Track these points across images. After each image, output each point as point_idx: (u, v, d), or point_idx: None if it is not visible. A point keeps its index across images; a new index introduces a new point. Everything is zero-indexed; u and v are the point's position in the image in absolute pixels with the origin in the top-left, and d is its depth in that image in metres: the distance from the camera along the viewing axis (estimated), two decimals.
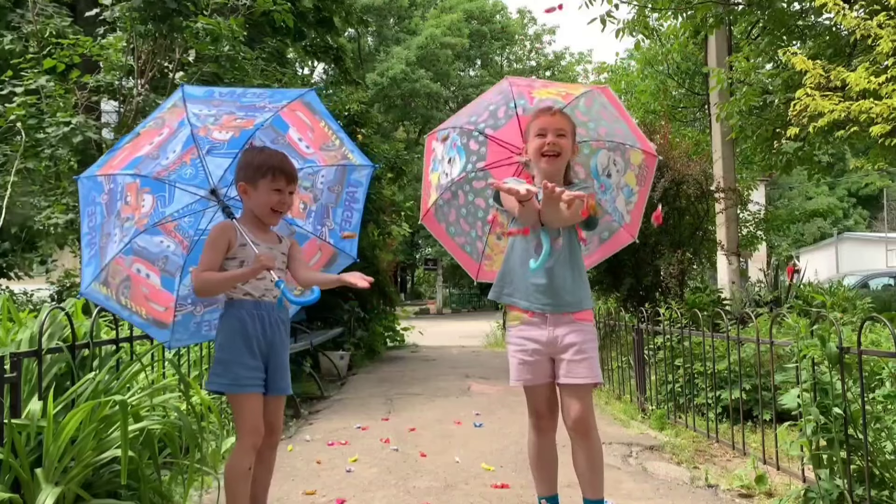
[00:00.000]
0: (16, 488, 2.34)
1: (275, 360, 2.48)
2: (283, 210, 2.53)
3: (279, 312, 2.52)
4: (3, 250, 7.53)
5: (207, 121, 2.57)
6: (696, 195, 7.19)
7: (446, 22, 28.76)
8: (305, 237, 2.87)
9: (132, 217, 2.61)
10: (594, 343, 2.47)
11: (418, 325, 13.14)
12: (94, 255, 2.56)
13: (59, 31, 5.95)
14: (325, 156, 2.81)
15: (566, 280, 2.42)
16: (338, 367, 7.57)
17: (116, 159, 2.56)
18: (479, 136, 2.79)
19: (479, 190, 2.87)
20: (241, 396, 2.39)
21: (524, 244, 2.46)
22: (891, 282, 17.18)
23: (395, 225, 10.43)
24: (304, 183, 2.80)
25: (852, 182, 36.46)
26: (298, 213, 2.86)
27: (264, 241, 2.49)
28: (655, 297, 6.77)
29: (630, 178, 2.75)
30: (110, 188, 2.55)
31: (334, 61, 11.75)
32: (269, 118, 2.59)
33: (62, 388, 2.74)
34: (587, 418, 2.39)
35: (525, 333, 2.46)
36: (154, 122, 2.56)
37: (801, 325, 2.96)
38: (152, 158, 2.58)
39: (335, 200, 2.89)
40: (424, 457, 3.88)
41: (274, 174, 2.44)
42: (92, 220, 2.56)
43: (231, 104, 2.61)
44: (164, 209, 2.68)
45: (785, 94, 7.81)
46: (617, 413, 5.06)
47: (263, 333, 2.45)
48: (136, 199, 2.62)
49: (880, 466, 2.59)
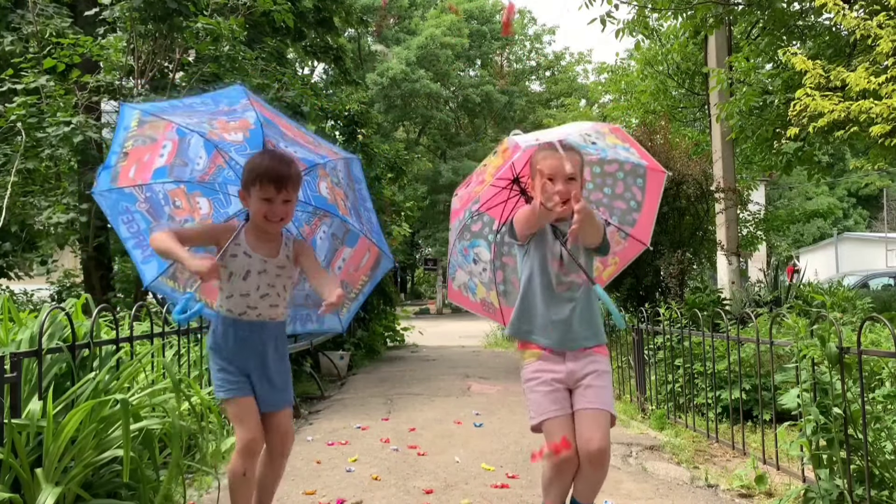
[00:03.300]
0: (16, 488, 2.34)
1: (266, 377, 2.42)
2: (275, 219, 2.39)
3: (262, 331, 2.43)
4: (4, 250, 7.53)
5: (204, 127, 2.55)
6: (696, 195, 7.20)
7: (446, 22, 28.76)
8: (357, 235, 2.81)
9: (191, 219, 2.67)
10: (610, 374, 2.43)
11: (418, 325, 13.14)
12: (150, 255, 2.61)
13: (60, 32, 5.95)
14: (324, 150, 2.72)
15: (584, 315, 2.40)
16: (338, 367, 7.57)
17: (127, 173, 2.53)
18: (473, 217, 2.82)
19: (476, 232, 2.89)
20: (228, 401, 2.39)
21: (543, 279, 2.41)
22: (891, 282, 17.17)
23: (395, 225, 10.43)
24: (333, 178, 2.75)
25: (852, 182, 36.44)
26: (344, 210, 2.78)
27: (262, 252, 2.44)
28: (655, 297, 6.78)
29: (613, 140, 2.71)
30: (147, 196, 2.59)
31: (334, 61, 11.76)
32: (256, 115, 2.49)
33: (62, 388, 2.74)
34: (606, 450, 2.28)
35: (543, 367, 2.39)
36: (135, 141, 2.51)
37: (801, 325, 2.96)
38: (181, 166, 2.59)
39: (356, 198, 2.81)
40: (424, 456, 3.88)
41: (261, 182, 2.34)
42: (132, 227, 2.59)
43: (197, 113, 2.55)
44: (225, 210, 2.73)
45: (785, 94, 7.82)
46: (617, 413, 5.05)
47: (243, 350, 2.40)
48: (187, 202, 2.66)
49: (880, 466, 2.60)
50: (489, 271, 2.92)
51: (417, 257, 30.88)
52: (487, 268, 2.92)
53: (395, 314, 11.75)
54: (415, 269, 32.84)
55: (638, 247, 2.89)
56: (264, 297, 2.43)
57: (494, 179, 2.65)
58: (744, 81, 8.98)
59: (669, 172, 2.90)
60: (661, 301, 6.11)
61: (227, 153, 2.62)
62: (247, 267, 2.41)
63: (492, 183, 2.66)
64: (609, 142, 2.70)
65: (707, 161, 8.34)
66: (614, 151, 2.71)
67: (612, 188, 2.79)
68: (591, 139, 2.66)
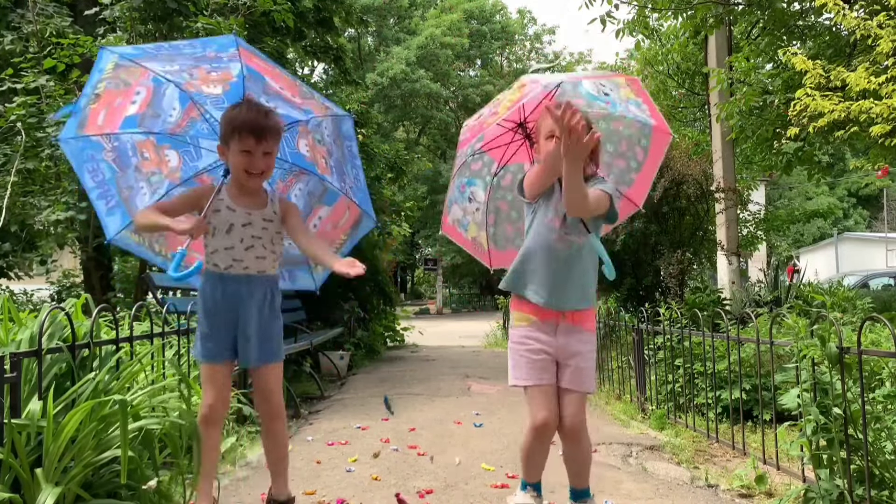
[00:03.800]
0: (16, 488, 2.34)
1: (244, 332, 2.42)
2: (256, 171, 2.37)
3: (250, 284, 2.43)
4: (4, 250, 7.53)
5: (182, 76, 2.49)
6: (696, 195, 7.20)
7: (446, 22, 28.76)
8: (336, 194, 2.77)
9: (159, 171, 2.62)
10: (594, 353, 2.53)
11: (418, 325, 13.14)
12: (114, 206, 2.57)
13: (60, 31, 5.95)
14: (312, 105, 2.66)
15: (581, 277, 2.43)
16: (338, 367, 7.57)
17: (95, 118, 2.47)
18: (474, 156, 2.79)
19: (509, 185, 2.87)
20: (202, 365, 2.46)
21: (544, 236, 2.42)
22: (891, 282, 17.18)
23: (395, 225, 10.43)
24: (315, 135, 2.71)
25: (852, 182, 36.45)
26: (324, 168, 2.75)
27: (245, 205, 2.42)
28: (655, 297, 6.78)
29: (627, 93, 2.68)
30: (114, 146, 2.53)
31: (334, 61, 11.75)
32: (240, 67, 2.44)
33: (62, 388, 2.73)
34: (581, 425, 2.46)
35: (532, 333, 2.44)
36: (108, 83, 2.44)
37: (801, 325, 2.96)
38: (153, 117, 2.53)
39: (342, 155, 2.76)
40: (424, 456, 3.88)
41: (241, 134, 2.32)
42: (97, 176, 2.54)
43: (181, 57, 2.49)
44: (195, 164, 2.69)
45: (785, 94, 7.81)
46: (617, 413, 5.06)
47: (226, 305, 2.40)
48: (155, 154, 2.60)
49: (880, 466, 2.59)
50: (482, 212, 2.92)
51: (417, 257, 30.87)
52: (481, 208, 2.92)
53: (395, 314, 11.76)
54: (415, 269, 32.83)
55: (630, 207, 2.89)
56: (249, 250, 2.41)
57: (502, 120, 2.63)
58: (744, 81, 8.98)
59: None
60: (661, 301, 6.11)
61: (202, 106, 2.57)
62: (230, 220, 2.40)
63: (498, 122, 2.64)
64: (623, 94, 2.67)
65: (707, 161, 8.34)
66: (625, 106, 2.68)
67: (616, 145, 2.77)
68: (605, 90, 2.65)
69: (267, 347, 2.47)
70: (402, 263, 26.16)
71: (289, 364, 6.45)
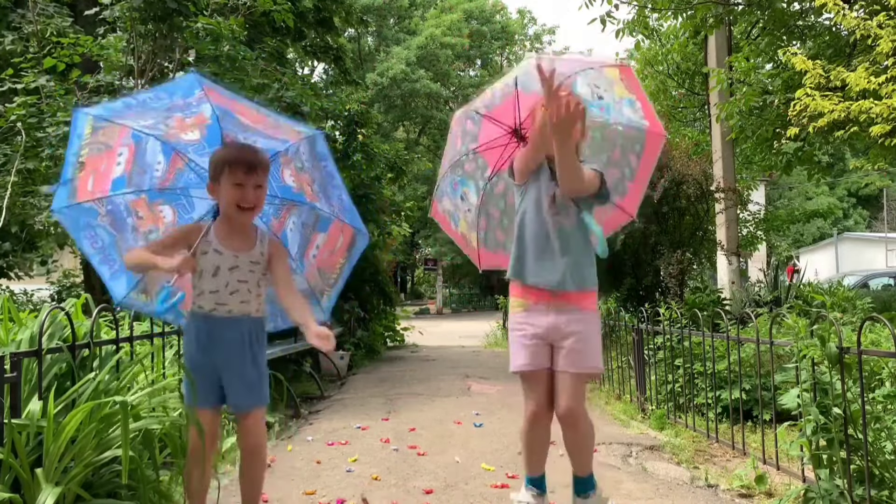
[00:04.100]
0: (16, 488, 2.33)
1: (227, 376, 2.40)
2: (248, 205, 2.36)
3: (234, 327, 2.40)
4: (4, 250, 7.53)
5: (159, 128, 2.49)
6: (696, 195, 7.20)
7: (446, 22, 28.76)
8: (328, 220, 2.76)
9: (156, 228, 2.63)
10: (596, 332, 2.45)
11: (418, 325, 13.14)
12: (118, 269, 2.58)
13: (60, 31, 5.95)
14: (284, 132, 2.65)
15: (575, 256, 2.39)
16: (338, 367, 7.57)
17: (85, 185, 2.47)
18: (469, 156, 2.76)
19: (501, 193, 2.84)
20: (188, 409, 2.45)
21: (535, 218, 2.41)
22: (891, 282, 17.17)
23: (395, 225, 10.44)
24: (296, 163, 2.70)
25: (852, 182, 36.45)
26: (311, 195, 2.74)
27: (233, 248, 2.40)
28: (655, 297, 6.78)
29: (620, 91, 2.65)
30: (108, 209, 2.52)
31: (334, 61, 11.76)
32: (211, 109, 2.42)
33: (62, 388, 2.73)
34: (575, 409, 2.38)
35: (526, 318, 2.43)
36: (90, 149, 2.44)
37: (801, 325, 2.96)
38: (139, 174, 2.53)
39: (321, 178, 2.74)
40: (424, 456, 3.88)
41: (230, 167, 2.32)
42: (96, 242, 2.54)
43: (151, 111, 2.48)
44: (190, 215, 2.69)
45: (785, 94, 7.81)
46: (617, 413, 5.06)
47: (210, 347, 2.38)
48: (149, 212, 2.61)
49: (880, 466, 2.59)
50: (473, 214, 2.90)
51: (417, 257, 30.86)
52: (472, 210, 2.90)
53: (395, 314, 11.76)
54: (415, 269, 32.83)
55: (624, 217, 2.87)
56: (234, 294, 2.40)
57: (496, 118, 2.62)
58: (744, 81, 8.98)
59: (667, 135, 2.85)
60: (661, 301, 6.11)
61: (185, 155, 2.57)
62: (216, 263, 2.39)
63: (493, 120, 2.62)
64: (617, 94, 2.65)
65: (707, 161, 8.34)
66: (618, 110, 2.66)
67: (609, 154, 2.74)
68: (599, 91, 2.62)
69: (251, 392, 2.45)
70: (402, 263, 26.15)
71: (289, 364, 6.46)
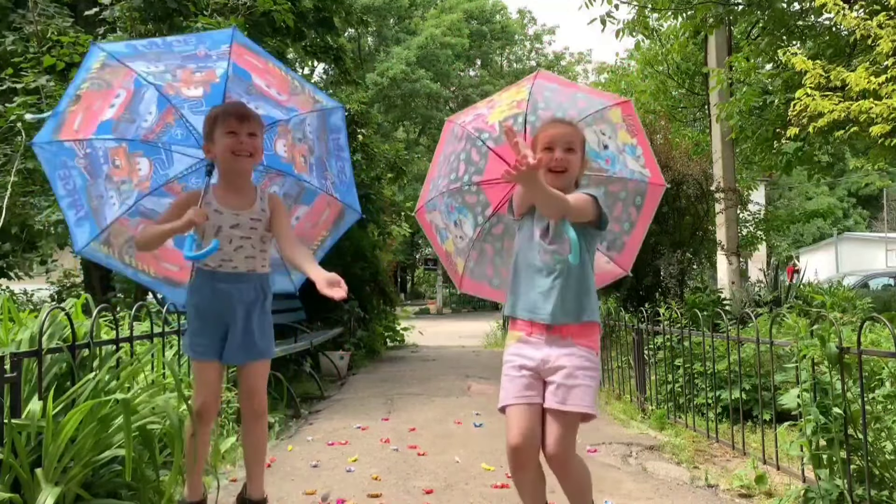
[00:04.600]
0: (16, 488, 2.34)
1: (233, 329, 2.43)
2: (243, 152, 2.37)
3: (240, 282, 2.43)
4: (3, 250, 7.53)
5: (165, 78, 2.49)
6: (696, 195, 7.20)
7: (446, 22, 28.77)
8: (314, 193, 2.77)
9: (129, 180, 2.60)
10: (591, 372, 2.22)
11: (418, 325, 13.14)
12: (83, 216, 2.54)
13: (61, 31, 5.95)
14: (299, 101, 2.65)
15: (571, 288, 2.26)
16: (338, 367, 7.57)
17: (72, 123, 2.45)
18: (472, 188, 2.71)
19: (500, 234, 2.82)
20: (193, 362, 2.47)
21: (529, 250, 2.34)
22: (891, 282, 17.18)
23: (395, 225, 10.44)
24: (296, 134, 2.70)
25: (852, 182, 36.44)
26: (301, 167, 2.74)
27: (233, 207, 2.42)
28: (655, 297, 6.78)
29: (624, 136, 2.63)
30: (87, 152, 2.50)
31: (334, 61, 11.75)
32: (226, 67, 2.43)
33: (62, 388, 2.73)
34: (562, 455, 2.14)
35: (518, 350, 2.29)
36: (91, 83, 2.42)
37: (801, 325, 2.96)
38: (128, 122, 2.52)
39: (325, 150, 2.74)
40: (424, 456, 3.88)
41: (223, 118, 2.36)
42: (68, 183, 2.50)
43: (169, 56, 2.47)
44: (165, 171, 2.67)
45: (785, 94, 7.82)
46: (617, 413, 5.06)
47: (217, 303, 2.41)
48: (127, 162, 2.59)
49: (880, 466, 2.59)
50: (465, 244, 2.86)
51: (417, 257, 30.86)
52: (465, 239, 2.86)
53: (395, 314, 11.75)
54: (415, 269, 32.83)
55: (618, 272, 2.85)
56: (238, 250, 2.43)
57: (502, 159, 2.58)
58: (744, 81, 8.98)
59: (668, 185, 2.83)
60: (661, 301, 6.11)
61: (179, 110, 2.57)
62: (217, 223, 2.41)
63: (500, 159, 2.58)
64: (620, 140, 2.64)
65: (707, 161, 8.35)
66: (623, 161, 2.65)
67: (611, 210, 2.67)
68: (604, 139, 2.61)
69: (253, 345, 2.47)
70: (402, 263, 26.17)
71: (289, 364, 6.45)
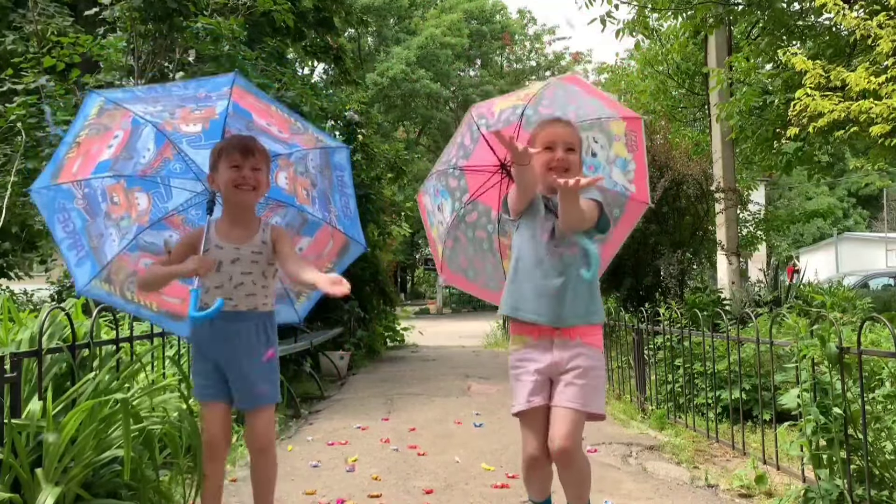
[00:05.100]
0: (16, 488, 2.34)
1: (232, 373, 2.40)
2: (247, 185, 2.36)
3: (240, 322, 2.40)
4: (3, 250, 7.53)
5: (163, 116, 2.49)
6: (696, 195, 7.20)
7: (446, 22, 28.76)
8: (318, 224, 2.77)
9: (128, 216, 2.60)
10: (600, 372, 2.30)
11: (418, 325, 13.14)
12: (84, 256, 2.53)
13: (61, 31, 5.96)
14: (301, 139, 2.67)
15: (577, 290, 2.27)
16: (338, 367, 7.57)
17: (71, 167, 2.46)
18: (455, 171, 2.75)
19: (473, 223, 2.83)
20: (199, 404, 2.47)
21: (533, 252, 2.31)
22: (891, 282, 17.19)
23: (395, 225, 10.44)
24: (298, 168, 2.72)
25: (852, 182, 36.43)
26: (304, 199, 2.75)
27: (233, 240, 2.41)
28: (655, 297, 6.78)
29: (619, 149, 2.62)
30: (85, 192, 2.50)
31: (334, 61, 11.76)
32: (227, 105, 2.44)
33: (62, 388, 2.73)
34: (570, 449, 2.19)
35: (527, 354, 2.30)
36: (90, 130, 2.44)
37: (801, 325, 2.96)
38: (126, 159, 2.52)
39: (329, 185, 2.76)
40: (424, 456, 3.88)
41: (228, 152, 2.36)
42: (68, 226, 2.50)
43: (168, 98, 2.48)
44: (164, 205, 2.67)
45: (785, 94, 7.81)
46: (617, 413, 5.06)
47: (216, 342, 2.39)
48: (125, 198, 2.59)
49: (880, 466, 2.60)
50: (443, 229, 2.87)
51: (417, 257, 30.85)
52: (444, 225, 2.87)
53: (395, 314, 11.75)
54: (415, 269, 32.82)
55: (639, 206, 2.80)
56: (239, 287, 2.40)
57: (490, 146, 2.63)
58: (744, 81, 8.98)
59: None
60: (661, 301, 6.11)
61: (177, 145, 2.57)
62: (218, 258, 2.39)
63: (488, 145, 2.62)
64: (613, 152, 2.63)
65: (707, 161, 8.35)
66: (607, 171, 2.64)
67: None
68: (595, 147, 2.60)
69: (256, 391, 2.43)
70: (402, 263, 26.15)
71: (289, 364, 6.45)
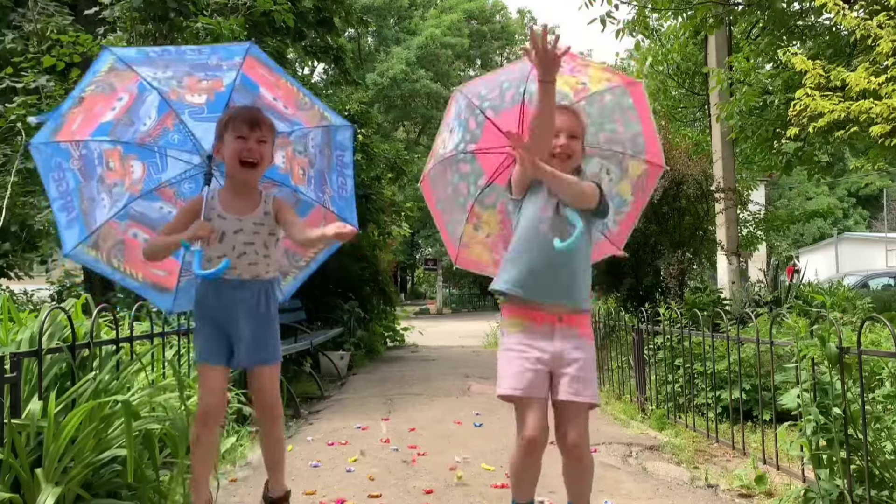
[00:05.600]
0: (16, 488, 2.34)
1: (237, 334, 2.43)
2: (252, 158, 2.38)
3: (243, 289, 2.44)
4: (3, 250, 7.52)
5: (170, 84, 2.49)
6: (696, 195, 7.20)
7: (446, 22, 28.78)
8: (310, 205, 2.78)
9: (121, 183, 2.60)
10: (594, 361, 2.35)
11: (418, 325, 13.15)
12: (74, 218, 2.53)
13: (61, 30, 5.95)
14: (305, 116, 2.67)
15: (574, 271, 2.28)
16: (338, 367, 7.57)
17: (71, 124, 2.46)
18: (480, 116, 2.64)
19: (464, 174, 2.76)
20: (199, 366, 2.46)
21: (533, 229, 2.30)
22: (891, 282, 17.19)
23: (395, 225, 10.44)
24: (297, 147, 2.72)
25: (852, 182, 36.44)
26: (299, 179, 2.76)
27: (235, 211, 2.43)
28: (655, 297, 6.78)
29: (624, 188, 2.63)
30: (82, 154, 2.49)
31: (334, 61, 11.75)
32: (235, 77, 2.45)
33: (62, 388, 2.74)
34: (584, 443, 2.26)
35: (528, 340, 2.27)
36: (96, 87, 2.43)
37: (801, 325, 2.96)
38: (126, 125, 2.52)
39: (327, 165, 2.75)
40: (424, 456, 3.88)
41: (234, 122, 2.36)
42: (62, 185, 2.49)
43: (179, 64, 2.48)
44: (158, 175, 2.67)
45: (785, 94, 7.81)
46: (617, 413, 5.06)
47: (220, 308, 2.42)
48: (121, 165, 2.59)
49: (880, 466, 2.59)
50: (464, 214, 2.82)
51: (417, 257, 30.87)
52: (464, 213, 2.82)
53: (395, 314, 11.75)
54: (415, 269, 32.82)
55: (609, 248, 2.84)
56: (242, 257, 2.43)
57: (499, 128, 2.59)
58: (744, 81, 8.97)
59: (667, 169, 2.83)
60: (661, 301, 6.11)
61: (179, 115, 2.57)
62: (221, 229, 2.42)
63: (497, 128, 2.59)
64: (617, 189, 2.64)
65: (707, 161, 8.34)
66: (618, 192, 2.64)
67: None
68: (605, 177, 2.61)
69: (261, 349, 2.47)
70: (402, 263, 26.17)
71: (289, 364, 6.46)
